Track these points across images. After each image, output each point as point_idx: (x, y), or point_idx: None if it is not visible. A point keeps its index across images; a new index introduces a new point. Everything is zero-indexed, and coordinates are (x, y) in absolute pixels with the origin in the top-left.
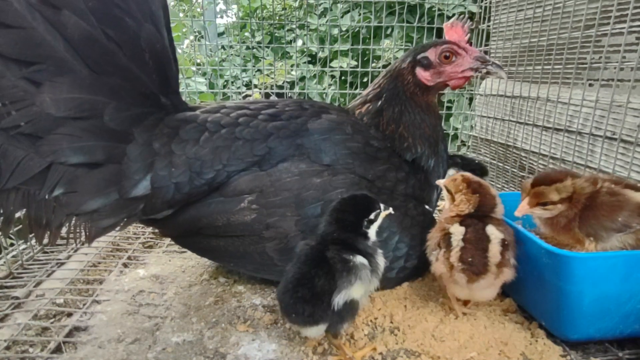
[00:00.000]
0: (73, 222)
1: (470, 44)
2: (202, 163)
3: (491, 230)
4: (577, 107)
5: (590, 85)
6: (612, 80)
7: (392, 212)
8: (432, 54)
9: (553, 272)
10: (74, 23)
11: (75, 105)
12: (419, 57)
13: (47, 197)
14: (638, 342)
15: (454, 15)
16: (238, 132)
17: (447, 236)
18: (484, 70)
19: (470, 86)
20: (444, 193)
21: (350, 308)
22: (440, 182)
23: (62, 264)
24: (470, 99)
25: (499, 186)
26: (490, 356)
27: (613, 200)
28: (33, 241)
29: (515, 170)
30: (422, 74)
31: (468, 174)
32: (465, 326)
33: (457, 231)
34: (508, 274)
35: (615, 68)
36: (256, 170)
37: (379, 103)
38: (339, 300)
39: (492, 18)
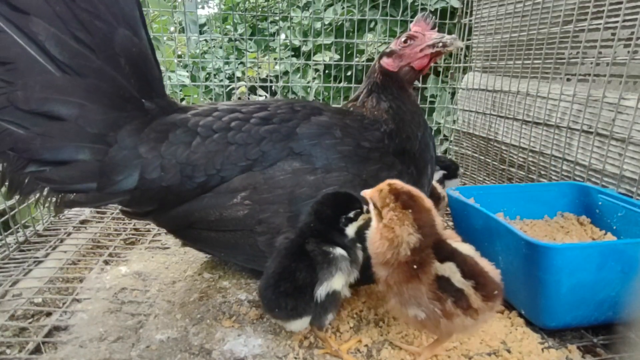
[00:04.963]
0: (45, 191)
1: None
2: (194, 168)
3: (461, 247)
4: (555, 101)
5: (568, 80)
6: (589, 75)
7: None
8: (394, 44)
9: (532, 262)
10: (43, 28)
11: (48, 105)
12: (386, 50)
13: (20, 171)
14: (611, 328)
15: (436, 9)
16: (231, 136)
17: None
18: (440, 44)
19: (452, 81)
20: (370, 208)
21: (333, 299)
22: (366, 193)
23: (40, 262)
24: (453, 94)
25: (480, 179)
26: (472, 345)
27: None
28: (8, 239)
29: (496, 163)
30: (385, 61)
31: (396, 182)
32: None
33: (451, 270)
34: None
35: (591, 63)
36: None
37: (368, 97)
38: (321, 292)
39: (474, 13)
